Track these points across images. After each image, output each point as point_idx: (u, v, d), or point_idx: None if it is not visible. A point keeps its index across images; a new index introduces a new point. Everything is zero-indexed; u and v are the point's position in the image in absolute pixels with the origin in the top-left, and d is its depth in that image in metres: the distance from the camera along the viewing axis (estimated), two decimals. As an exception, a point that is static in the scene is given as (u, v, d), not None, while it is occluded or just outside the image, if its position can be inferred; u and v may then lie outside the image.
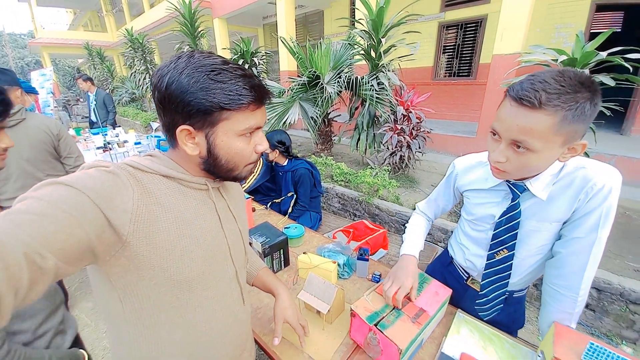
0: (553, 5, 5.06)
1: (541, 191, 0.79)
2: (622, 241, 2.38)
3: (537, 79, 0.64)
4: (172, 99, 0.52)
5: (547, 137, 0.64)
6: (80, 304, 2.29)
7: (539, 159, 0.68)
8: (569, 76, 0.62)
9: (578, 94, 0.61)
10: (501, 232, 0.88)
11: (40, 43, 14.29)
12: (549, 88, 0.61)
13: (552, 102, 0.61)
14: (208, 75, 0.51)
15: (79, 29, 19.94)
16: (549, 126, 0.63)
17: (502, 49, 3.84)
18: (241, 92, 0.52)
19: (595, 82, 0.63)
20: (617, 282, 1.88)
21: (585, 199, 0.74)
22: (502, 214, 0.87)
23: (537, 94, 0.62)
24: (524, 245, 0.87)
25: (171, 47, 8.43)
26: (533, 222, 0.83)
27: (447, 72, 6.76)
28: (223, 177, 0.63)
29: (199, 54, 0.53)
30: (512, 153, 0.69)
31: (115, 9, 15.62)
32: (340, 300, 1.07)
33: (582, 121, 0.63)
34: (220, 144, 0.56)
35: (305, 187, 2.19)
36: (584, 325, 2.03)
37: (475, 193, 0.96)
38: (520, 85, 0.65)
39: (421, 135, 3.54)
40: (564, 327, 0.79)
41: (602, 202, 0.72)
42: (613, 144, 4.05)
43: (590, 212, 0.74)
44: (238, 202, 0.75)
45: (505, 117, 0.68)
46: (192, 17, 7.19)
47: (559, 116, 0.62)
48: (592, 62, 2.29)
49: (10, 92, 1.67)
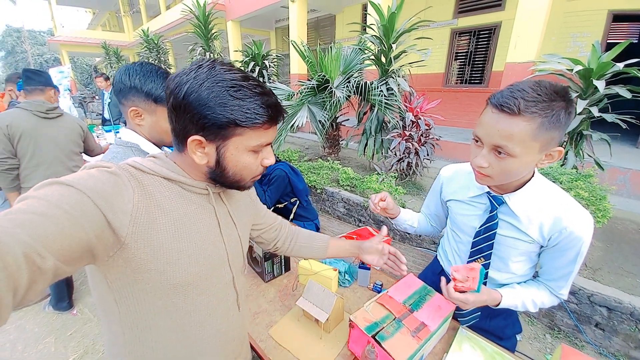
0: (569, 14, 4.97)
1: (517, 206, 0.84)
2: (634, 258, 2.29)
3: (516, 88, 0.69)
4: (188, 109, 0.51)
5: (526, 142, 0.68)
6: (85, 298, 2.32)
7: (519, 163, 0.72)
8: (545, 86, 0.68)
9: (554, 103, 0.66)
10: (480, 241, 0.93)
11: (59, 41, 14.71)
12: (527, 96, 0.66)
13: (529, 109, 0.66)
14: (228, 92, 0.51)
15: (98, 29, 20.49)
16: (528, 132, 0.67)
17: (515, 57, 3.78)
18: (258, 111, 0.52)
19: (569, 92, 0.69)
20: (627, 301, 1.81)
21: (559, 237, 0.80)
22: (482, 224, 0.92)
23: (516, 101, 0.67)
24: (501, 260, 0.92)
25: (185, 48, 8.56)
26: (509, 233, 0.87)
27: (459, 79, 6.70)
28: (228, 187, 0.63)
29: (220, 65, 0.53)
30: (493, 158, 0.74)
31: (132, 10, 16.00)
32: (340, 309, 1.05)
33: (558, 128, 0.68)
34: (230, 157, 0.56)
35: (272, 188, 2.06)
36: (592, 344, 1.96)
37: (458, 204, 1.00)
38: (500, 94, 0.70)
39: (430, 142, 3.50)
40: (571, 350, 0.76)
41: (577, 244, 0.79)
42: (629, 157, 3.92)
43: (566, 250, 0.81)
44: (240, 208, 0.74)
45: (486, 123, 0.73)
46: (206, 20, 7.30)
47: (536, 123, 0.67)
48: (609, 73, 2.24)
49: (46, 91, 1.93)
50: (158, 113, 0.95)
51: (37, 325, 2.06)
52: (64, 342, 1.94)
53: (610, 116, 2.32)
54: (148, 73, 0.92)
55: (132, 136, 0.96)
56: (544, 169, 2.22)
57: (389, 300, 0.97)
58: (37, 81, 1.89)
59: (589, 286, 1.95)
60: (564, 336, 2.06)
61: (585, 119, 2.40)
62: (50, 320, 2.11)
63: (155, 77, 0.93)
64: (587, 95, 2.38)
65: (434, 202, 1.15)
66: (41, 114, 1.87)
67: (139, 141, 0.96)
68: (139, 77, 0.91)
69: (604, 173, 2.56)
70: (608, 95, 2.30)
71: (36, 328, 2.04)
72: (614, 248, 2.45)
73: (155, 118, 0.96)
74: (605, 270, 2.15)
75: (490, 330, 1.03)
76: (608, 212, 2.08)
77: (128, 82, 0.91)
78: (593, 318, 1.95)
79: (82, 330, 2.03)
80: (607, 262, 2.24)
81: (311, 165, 3.95)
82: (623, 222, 2.90)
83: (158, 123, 0.96)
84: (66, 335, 1.98)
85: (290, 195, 2.18)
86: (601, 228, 2.43)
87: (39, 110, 1.86)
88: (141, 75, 0.91)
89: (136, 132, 0.97)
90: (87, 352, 1.86)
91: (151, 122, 0.96)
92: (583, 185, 2.08)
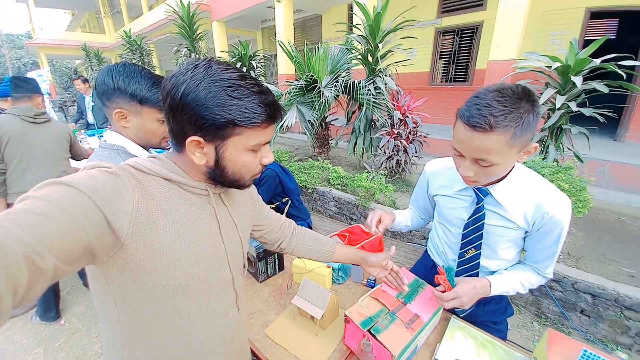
0: (548, 13, 5.13)
1: (502, 196, 0.88)
2: (616, 246, 2.39)
3: (482, 104, 0.71)
4: (185, 110, 0.51)
5: (504, 151, 0.73)
6: (72, 307, 2.26)
7: (502, 167, 0.77)
8: (508, 95, 0.70)
9: (520, 110, 0.69)
10: (469, 233, 0.96)
11: (37, 44, 14.21)
12: (495, 112, 0.69)
13: (501, 124, 0.69)
14: (226, 91, 0.50)
15: (77, 30, 19.88)
16: (503, 143, 0.71)
17: (497, 56, 3.88)
18: (256, 111, 0.52)
19: (531, 92, 0.72)
20: (611, 288, 1.89)
21: (541, 221, 0.85)
22: (470, 215, 0.95)
23: (485, 119, 0.69)
24: (491, 248, 0.95)
25: (169, 49, 8.42)
26: (496, 222, 0.91)
27: (444, 77, 6.81)
28: (227, 186, 0.63)
29: (217, 65, 0.52)
30: (477, 167, 0.78)
31: (113, 11, 15.59)
32: (334, 306, 1.06)
33: (530, 129, 0.72)
34: (229, 157, 0.56)
35: (263, 188, 2.07)
36: (579, 330, 2.03)
37: (445, 198, 1.03)
38: (469, 112, 0.72)
39: (418, 139, 3.56)
40: (557, 334, 0.80)
41: (558, 226, 0.84)
42: (607, 149, 4.08)
43: (549, 232, 0.86)
44: (241, 209, 0.74)
45: (463, 139, 0.76)
46: (191, 20, 7.21)
47: (509, 134, 0.70)
48: (586, 69, 2.33)
49: (34, 98, 1.96)
50: (144, 114, 0.93)
51: (25, 337, 2.00)
52: (53, 352, 1.88)
53: (588, 110, 2.41)
54: (132, 74, 0.90)
55: (117, 139, 0.94)
56: (526, 162, 2.29)
57: (382, 295, 0.99)
58: (25, 88, 1.92)
59: (573, 274, 2.02)
60: (551, 323, 2.13)
61: (564, 113, 2.49)
62: (38, 331, 2.05)
63: (140, 78, 0.91)
64: (565, 90, 2.46)
65: (422, 196, 1.19)
66: (29, 119, 1.88)
67: (125, 143, 0.94)
68: (123, 78, 0.89)
69: (584, 165, 2.66)
70: (586, 90, 2.39)
71: (24, 339, 1.98)
72: (595, 237, 2.55)
73: (141, 119, 0.94)
74: (587, 258, 2.24)
75: (484, 315, 1.06)
76: (588, 202, 2.16)
77: (111, 83, 0.88)
78: (578, 305, 2.02)
79: (70, 340, 1.97)
80: (589, 251, 2.33)
81: (302, 165, 3.95)
82: (603, 212, 3.02)
83: (144, 124, 0.95)
84: (55, 346, 1.93)
85: (282, 195, 2.18)
86: (582, 218, 2.52)
87: (27, 115, 1.87)
88: (124, 76, 0.89)
89: (122, 134, 0.95)
90: (77, 362, 1.82)
91: (137, 123, 0.94)
92: (564, 177, 2.15)
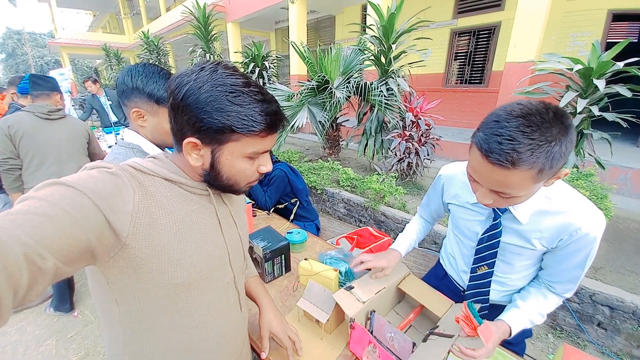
0: (569, 14, 4.97)
1: (523, 215, 0.79)
2: (636, 257, 2.28)
3: (504, 135, 0.58)
4: (185, 111, 0.51)
5: (529, 185, 0.62)
6: (86, 300, 2.32)
7: (526, 197, 0.68)
8: (536, 123, 0.57)
9: (551, 140, 0.57)
10: (482, 249, 0.90)
11: (59, 43, 14.77)
12: (519, 147, 0.57)
13: (526, 161, 0.57)
14: (227, 97, 0.50)
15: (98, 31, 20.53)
16: (528, 178, 0.60)
17: (515, 57, 3.78)
18: (255, 119, 0.52)
19: (565, 114, 0.59)
20: (630, 300, 1.81)
21: (570, 239, 0.75)
22: (485, 231, 0.89)
23: (508, 155, 0.57)
24: (507, 264, 0.89)
25: (185, 50, 8.58)
26: (514, 241, 0.84)
27: (459, 79, 6.69)
28: (222, 190, 0.63)
29: (223, 69, 0.52)
30: (496, 197, 0.68)
31: (133, 12, 16.05)
32: (340, 310, 1.05)
33: (562, 160, 0.60)
34: (225, 161, 0.56)
35: (271, 188, 2.07)
36: (595, 343, 1.95)
37: (460, 208, 0.98)
38: (487, 144, 0.60)
39: (430, 142, 3.50)
40: (573, 349, 0.76)
41: (588, 246, 0.74)
42: (629, 156, 3.91)
43: (577, 251, 0.76)
44: (240, 208, 0.75)
45: (480, 170, 0.65)
46: (206, 21, 7.32)
47: (535, 170, 0.59)
48: (609, 72, 2.24)
49: (52, 96, 2.01)
50: (160, 114, 0.95)
51: (38, 328, 2.06)
52: (65, 344, 1.94)
53: (610, 115, 2.31)
54: (150, 74, 0.92)
55: (134, 137, 0.96)
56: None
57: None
58: (43, 86, 1.97)
59: (591, 285, 1.94)
60: (566, 336, 2.05)
61: (585, 118, 2.40)
62: (52, 322, 2.11)
63: (158, 78, 0.92)
64: (587, 94, 2.37)
65: (436, 202, 1.12)
66: (43, 115, 1.93)
67: (141, 142, 0.96)
68: (141, 78, 0.91)
69: (605, 172, 2.56)
70: (608, 94, 2.30)
71: (37, 330, 2.04)
72: (615, 247, 2.44)
73: (157, 119, 0.95)
74: (607, 269, 2.14)
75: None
76: (609, 211, 2.07)
77: (130, 83, 0.91)
78: (595, 317, 1.94)
79: (83, 332, 2.03)
80: (608, 261, 2.23)
81: (311, 166, 3.95)
82: (624, 221, 2.89)
83: (160, 124, 0.96)
84: (67, 337, 1.98)
85: (291, 195, 2.18)
86: (602, 227, 2.42)
87: (40, 112, 1.92)
88: (143, 76, 0.91)
89: (139, 133, 0.97)
90: (88, 354, 1.86)
91: (153, 123, 0.96)
92: (584, 184, 2.08)
